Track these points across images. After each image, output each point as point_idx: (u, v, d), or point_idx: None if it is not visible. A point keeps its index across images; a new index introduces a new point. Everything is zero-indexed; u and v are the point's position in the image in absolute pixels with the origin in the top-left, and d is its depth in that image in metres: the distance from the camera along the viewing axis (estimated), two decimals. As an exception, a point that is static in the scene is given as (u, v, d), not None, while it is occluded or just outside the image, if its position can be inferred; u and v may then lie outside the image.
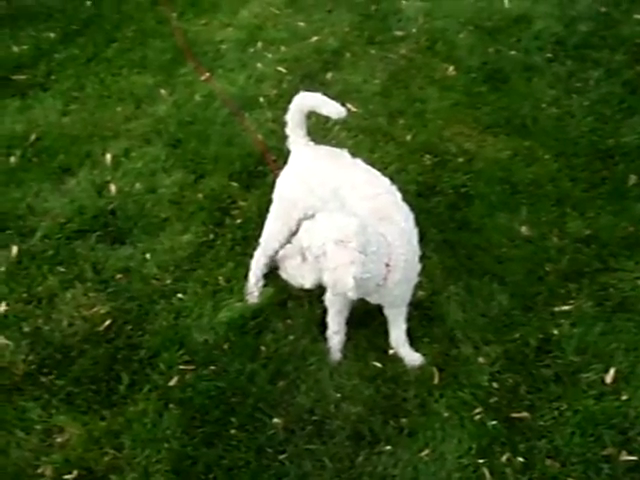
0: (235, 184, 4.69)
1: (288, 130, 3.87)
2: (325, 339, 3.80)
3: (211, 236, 4.35)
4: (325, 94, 3.76)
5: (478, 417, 3.51)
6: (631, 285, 4.11)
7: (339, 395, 3.59)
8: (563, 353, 3.78)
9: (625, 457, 3.37)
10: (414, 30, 6.14)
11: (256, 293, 4.03)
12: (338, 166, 3.71)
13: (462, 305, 3.99)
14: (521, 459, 3.37)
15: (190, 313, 3.95)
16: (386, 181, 3.62)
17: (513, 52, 5.93)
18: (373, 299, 3.54)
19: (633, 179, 4.78)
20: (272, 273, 3.97)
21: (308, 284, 3.24)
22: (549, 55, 5.90)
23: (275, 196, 3.88)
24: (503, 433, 3.45)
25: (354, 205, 3.48)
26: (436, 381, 3.65)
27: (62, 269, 4.16)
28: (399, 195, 3.58)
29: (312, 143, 3.87)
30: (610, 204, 4.61)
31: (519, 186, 4.73)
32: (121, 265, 4.19)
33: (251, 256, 4.02)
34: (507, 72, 5.70)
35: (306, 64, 5.77)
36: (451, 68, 5.73)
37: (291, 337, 3.83)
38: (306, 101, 3.79)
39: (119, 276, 4.14)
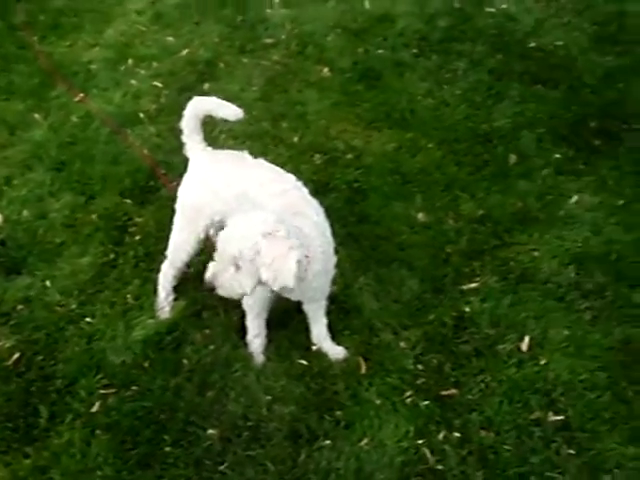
0: (128, 201, 4.56)
1: (184, 137, 3.78)
2: (246, 344, 3.74)
3: (112, 256, 4.21)
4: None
5: (409, 400, 3.55)
6: (529, 257, 4.30)
7: (270, 397, 3.55)
8: (478, 328, 3.89)
9: (552, 418, 3.50)
10: (283, 36, 6.21)
11: (167, 308, 3.93)
12: (241, 167, 3.67)
13: (375, 294, 4.04)
14: (457, 434, 3.43)
15: (102, 336, 3.79)
16: (291, 177, 3.61)
17: (381, 50, 6.09)
18: (293, 295, 3.50)
19: (513, 158, 5.02)
20: (181, 285, 3.93)
21: (249, 290, 3.15)
22: (415, 51, 6.10)
23: (178, 206, 3.78)
24: (436, 412, 3.51)
25: (265, 203, 3.43)
26: (363, 370, 3.67)
27: (-45, 308, 3.92)
28: (306, 190, 3.58)
29: (210, 148, 3.81)
30: (496, 184, 4.81)
31: (409, 176, 4.85)
32: (20, 295, 3.98)
33: (157, 271, 3.92)
34: (379, 70, 5.85)
35: (181, 77, 5.71)
36: (325, 70, 5.82)
37: (211, 347, 3.74)
38: (201, 105, 3.73)
39: (20, 307, 3.93)
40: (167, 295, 3.93)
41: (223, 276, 3.12)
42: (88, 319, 3.87)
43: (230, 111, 3.70)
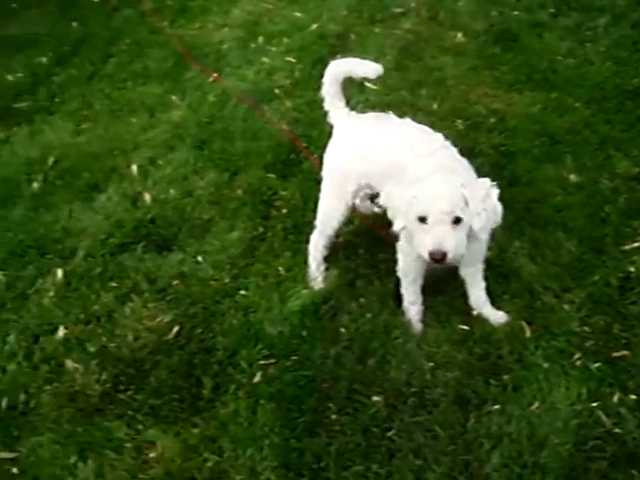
0: (272, 175, 4.55)
1: (326, 105, 3.77)
2: (403, 312, 3.65)
3: (260, 229, 4.20)
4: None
5: (579, 362, 3.38)
6: (698, 214, 4.05)
7: (432, 364, 3.43)
8: (647, 287, 3.68)
9: None
10: (412, 4, 6.13)
11: (320, 278, 3.87)
12: (388, 128, 3.60)
13: (532, 258, 3.88)
14: (633, 397, 3.23)
15: (258, 307, 3.77)
16: (440, 136, 3.51)
17: (516, 12, 5.95)
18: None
19: None
20: (332, 255, 3.88)
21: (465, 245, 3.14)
22: (552, 10, 5.92)
23: (325, 173, 3.75)
24: (608, 374, 3.32)
25: (414, 163, 3.34)
26: (528, 334, 3.52)
27: (114, 284, 3.96)
28: (455, 149, 3.48)
29: (354, 113, 3.76)
30: None
31: (557, 136, 4.69)
32: (175, 271, 4.00)
33: (306, 242, 3.89)
34: (515, 31, 5.70)
35: (313, 51, 5.70)
36: (459, 35, 5.71)
37: (368, 315, 3.66)
38: (340, 68, 3.70)
39: (175, 282, 3.95)
40: (318, 265, 3.88)
41: (447, 241, 3.04)
42: (243, 292, 3.86)
43: (369, 68, 3.65)
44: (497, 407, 3.24)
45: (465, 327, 3.59)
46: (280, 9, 6.30)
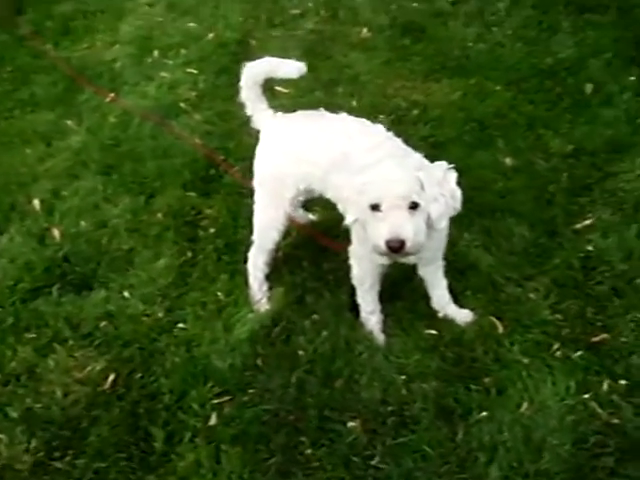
0: (192, 194, 4.18)
1: (248, 110, 3.45)
2: (362, 324, 3.34)
3: (189, 254, 3.81)
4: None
5: (559, 353, 3.19)
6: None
7: (405, 376, 3.14)
8: (609, 265, 3.55)
9: None
10: (310, 4, 5.92)
11: (264, 299, 3.53)
12: (323, 124, 3.31)
13: (486, 248, 3.69)
14: (623, 382, 3.05)
15: (201, 340, 3.38)
16: (381, 127, 3.26)
17: (415, 4, 5.85)
18: (410, 258, 3.08)
19: (589, 87, 4.75)
20: (273, 273, 3.54)
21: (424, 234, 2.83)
22: (449, -1, 5.85)
23: (256, 183, 3.42)
24: (593, 361, 3.14)
25: (360, 158, 3.03)
26: (500, 330, 3.28)
27: (31, 335, 3.47)
28: (399, 139, 3.23)
29: (280, 113, 3.44)
30: (579, 115, 4.55)
31: (485, 121, 4.58)
32: (100, 312, 3.55)
33: (244, 261, 3.53)
34: (420, 22, 5.59)
35: (214, 60, 5.38)
36: (364, 30, 5.55)
37: (325, 332, 3.33)
38: (258, 70, 3.38)
39: (103, 324, 3.50)
40: (261, 285, 3.53)
41: (404, 227, 2.73)
42: (181, 325, 3.47)
43: (292, 68, 3.34)
44: (484, 414, 2.99)
45: (432, 331, 3.33)
46: (172, 21, 5.93)
